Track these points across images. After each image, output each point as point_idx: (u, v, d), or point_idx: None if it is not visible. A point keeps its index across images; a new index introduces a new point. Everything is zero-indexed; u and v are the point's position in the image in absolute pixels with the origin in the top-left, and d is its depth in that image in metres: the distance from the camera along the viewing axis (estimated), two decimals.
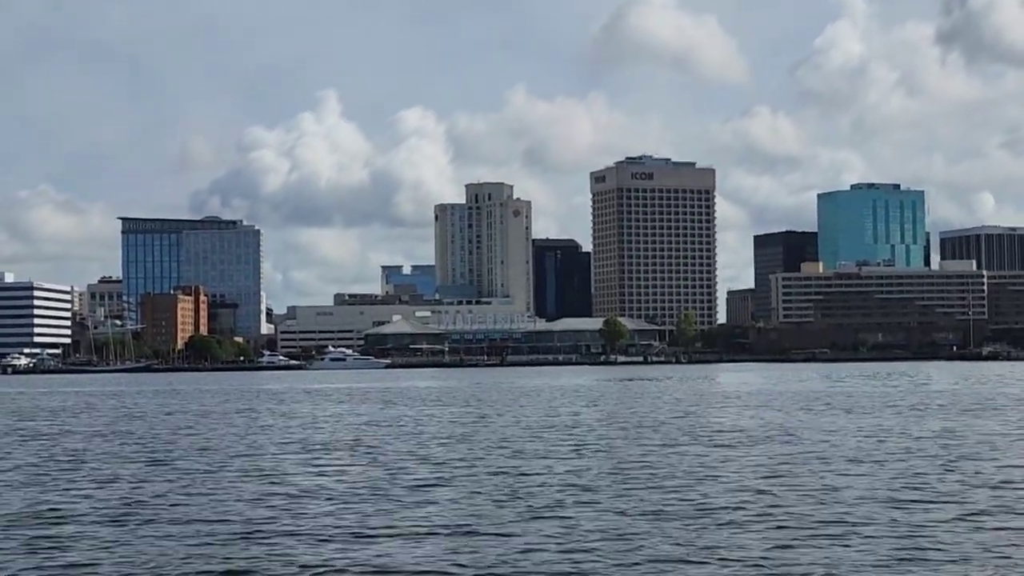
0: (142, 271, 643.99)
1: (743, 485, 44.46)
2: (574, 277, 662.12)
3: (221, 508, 40.28)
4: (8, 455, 63.40)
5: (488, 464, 54.31)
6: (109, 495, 44.43)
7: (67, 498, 43.73)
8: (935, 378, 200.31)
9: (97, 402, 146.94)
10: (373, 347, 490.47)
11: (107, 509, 40.56)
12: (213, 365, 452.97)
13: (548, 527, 35.34)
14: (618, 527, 35.15)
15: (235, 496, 43.51)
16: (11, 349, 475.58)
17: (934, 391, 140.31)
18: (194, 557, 31.24)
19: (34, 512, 39.96)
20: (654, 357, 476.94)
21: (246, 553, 31.66)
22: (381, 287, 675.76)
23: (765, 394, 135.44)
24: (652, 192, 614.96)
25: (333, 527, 35.77)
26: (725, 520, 36.03)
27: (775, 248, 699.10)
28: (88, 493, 45.17)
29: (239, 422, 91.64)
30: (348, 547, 32.51)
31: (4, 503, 42.36)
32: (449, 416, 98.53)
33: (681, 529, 34.59)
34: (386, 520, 37.02)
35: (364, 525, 36.17)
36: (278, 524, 36.58)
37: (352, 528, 35.66)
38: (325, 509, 39.80)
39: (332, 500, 42.05)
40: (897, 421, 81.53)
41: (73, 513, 39.57)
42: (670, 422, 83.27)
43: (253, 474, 51.34)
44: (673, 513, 37.61)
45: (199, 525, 36.47)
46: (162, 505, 41.33)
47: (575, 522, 36.19)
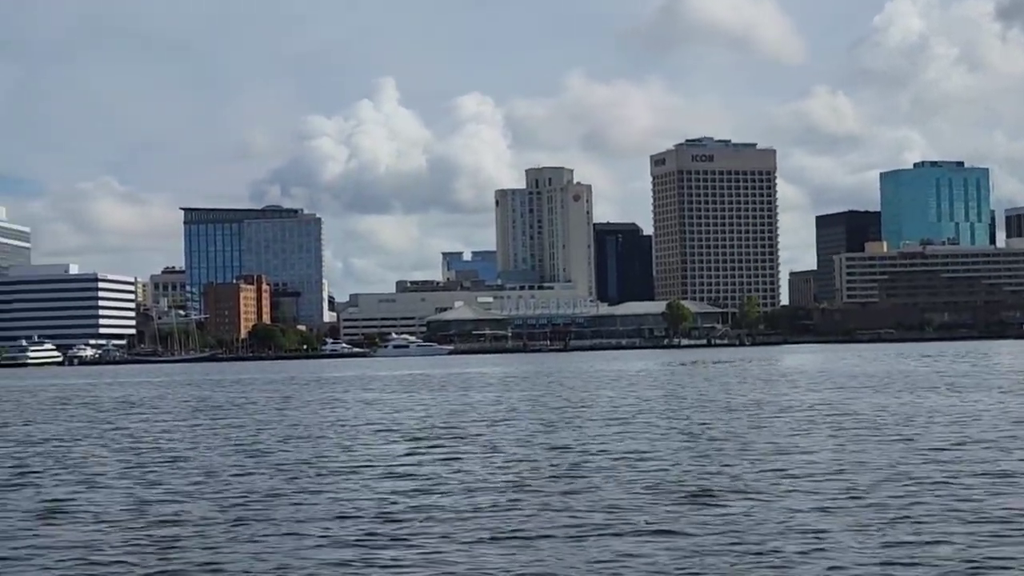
0: (204, 261, 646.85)
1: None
2: (635, 261, 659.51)
3: (362, 504, 37.52)
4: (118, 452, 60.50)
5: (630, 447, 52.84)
6: (227, 490, 42.34)
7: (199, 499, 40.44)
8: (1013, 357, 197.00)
9: (173, 392, 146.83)
10: (436, 333, 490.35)
11: (236, 506, 38.29)
12: (277, 354, 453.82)
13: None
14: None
15: (370, 491, 40.88)
16: (77, 340, 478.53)
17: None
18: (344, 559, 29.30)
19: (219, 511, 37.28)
20: (717, 340, 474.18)
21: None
22: (442, 273, 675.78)
23: (864, 376, 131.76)
24: (712, 174, 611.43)
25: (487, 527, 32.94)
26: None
27: (837, 228, 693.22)
28: (202, 489, 42.96)
29: (345, 413, 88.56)
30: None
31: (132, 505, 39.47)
32: (531, 400, 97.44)
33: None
34: (562, 518, 33.89)
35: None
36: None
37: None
38: (463, 502, 37.43)
39: (471, 493, 39.56)
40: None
41: (200, 514, 36.73)
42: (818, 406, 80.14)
43: (384, 467, 48.46)
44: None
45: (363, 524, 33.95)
46: (302, 500, 38.99)
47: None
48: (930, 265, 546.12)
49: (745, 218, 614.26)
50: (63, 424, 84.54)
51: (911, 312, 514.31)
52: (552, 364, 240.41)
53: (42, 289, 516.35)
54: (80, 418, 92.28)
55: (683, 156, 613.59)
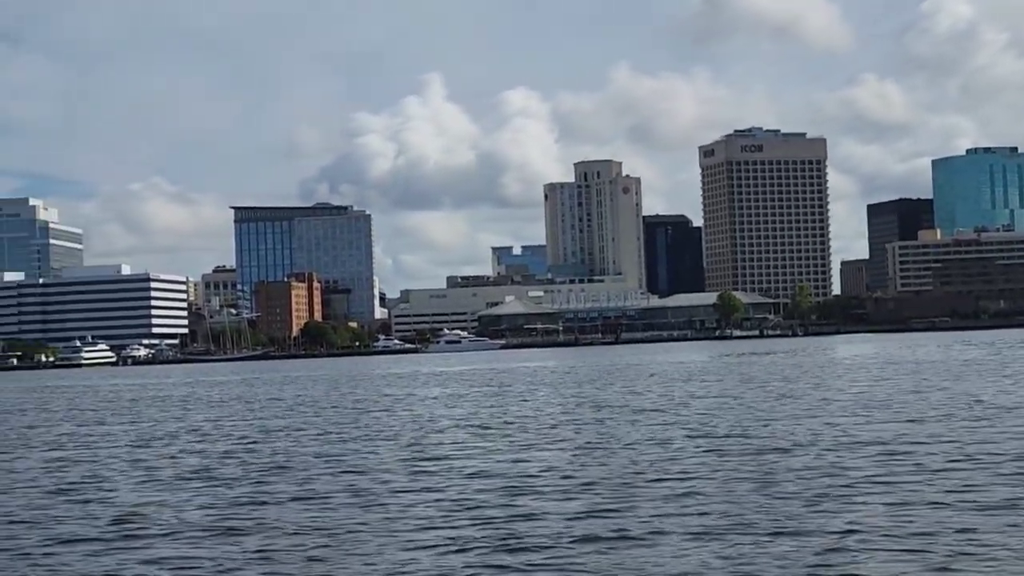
0: (255, 259, 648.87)
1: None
2: (685, 253, 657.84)
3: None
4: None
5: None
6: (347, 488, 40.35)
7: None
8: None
9: (266, 390, 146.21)
10: (487, 328, 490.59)
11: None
12: (329, 351, 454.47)
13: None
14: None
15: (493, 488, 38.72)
16: (130, 340, 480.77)
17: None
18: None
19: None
20: (770, 331, 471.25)
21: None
22: (492, 268, 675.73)
23: (946, 364, 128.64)
24: (762, 164, 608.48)
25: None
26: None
27: (889, 217, 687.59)
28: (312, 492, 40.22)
29: (438, 410, 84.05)
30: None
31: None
32: (604, 394, 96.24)
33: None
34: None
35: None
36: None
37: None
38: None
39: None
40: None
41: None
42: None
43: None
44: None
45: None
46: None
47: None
48: (984, 252, 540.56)
49: (795, 208, 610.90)
50: (252, 421, 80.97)
51: (965, 300, 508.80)
52: (609, 358, 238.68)
53: (95, 290, 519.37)
54: (262, 413, 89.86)
55: (732, 146, 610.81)
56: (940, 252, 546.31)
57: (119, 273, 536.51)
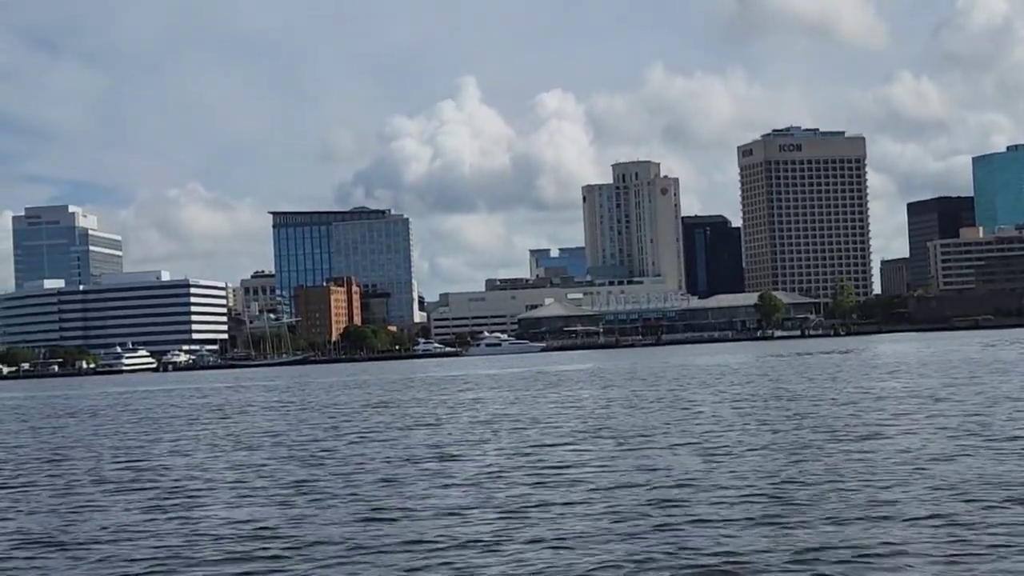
0: (294, 264, 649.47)
1: None
2: (724, 253, 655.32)
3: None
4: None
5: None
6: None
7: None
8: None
9: (350, 394, 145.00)
10: (527, 331, 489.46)
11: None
12: (369, 355, 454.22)
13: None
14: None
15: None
16: (171, 346, 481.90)
17: None
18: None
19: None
20: (811, 330, 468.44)
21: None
22: (530, 271, 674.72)
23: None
24: (801, 164, 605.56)
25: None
26: None
27: (929, 215, 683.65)
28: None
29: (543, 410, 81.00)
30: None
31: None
32: (679, 394, 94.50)
33: None
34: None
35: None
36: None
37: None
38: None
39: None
40: None
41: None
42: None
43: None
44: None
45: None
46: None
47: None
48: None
49: (835, 207, 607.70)
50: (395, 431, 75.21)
51: (1009, 298, 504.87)
52: (656, 358, 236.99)
53: (135, 296, 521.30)
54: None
55: (771, 146, 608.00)
56: (982, 250, 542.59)
57: (159, 279, 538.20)
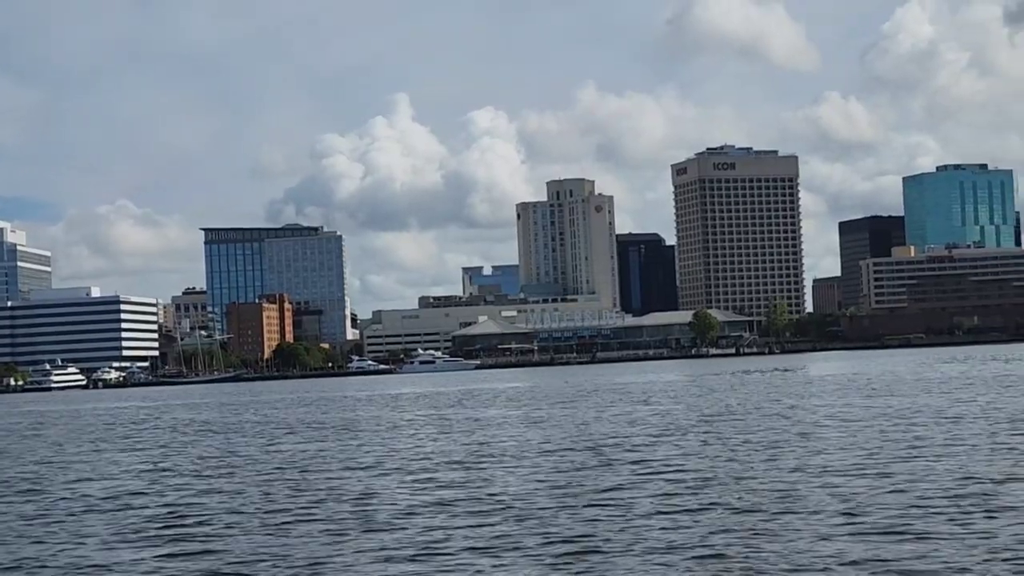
0: (226, 281, 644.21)
1: None
2: (658, 271, 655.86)
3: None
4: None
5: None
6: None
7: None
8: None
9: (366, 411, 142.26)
10: (461, 348, 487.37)
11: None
12: (302, 372, 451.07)
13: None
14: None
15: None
16: (100, 363, 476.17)
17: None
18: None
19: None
20: (746, 348, 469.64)
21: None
22: (463, 288, 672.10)
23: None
24: (735, 182, 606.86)
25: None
26: None
27: (860, 234, 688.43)
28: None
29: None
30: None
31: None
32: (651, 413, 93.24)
33: None
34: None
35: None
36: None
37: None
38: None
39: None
40: None
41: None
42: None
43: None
44: None
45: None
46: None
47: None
48: (958, 269, 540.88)
49: (768, 225, 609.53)
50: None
51: (940, 316, 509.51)
52: (592, 376, 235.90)
53: (64, 312, 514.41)
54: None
55: (705, 164, 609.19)
56: (914, 269, 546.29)
57: (89, 296, 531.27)
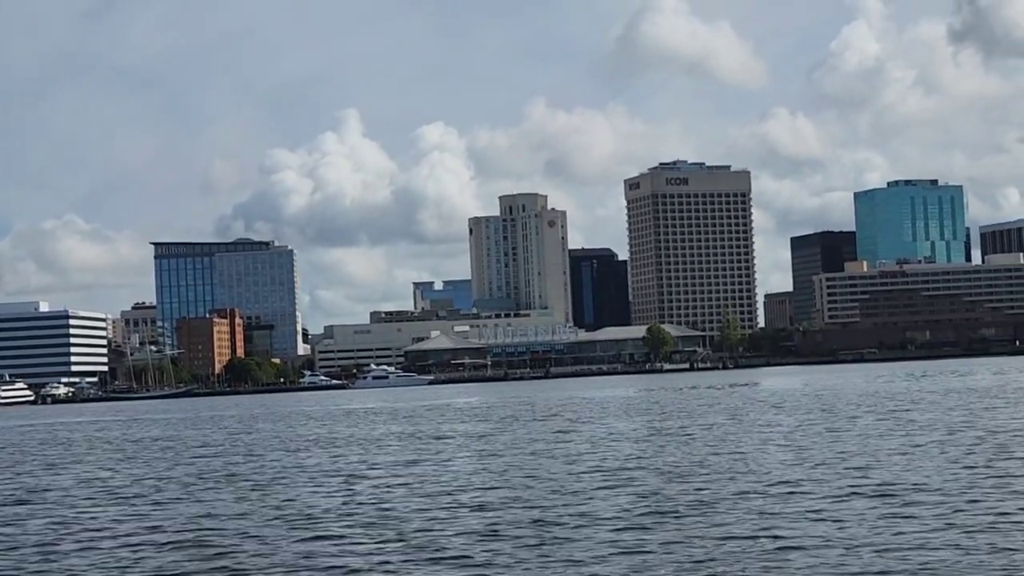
0: (176, 296, 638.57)
1: None
2: (610, 286, 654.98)
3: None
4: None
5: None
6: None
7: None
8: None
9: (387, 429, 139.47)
10: (414, 363, 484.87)
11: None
12: (254, 387, 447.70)
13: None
14: None
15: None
16: (49, 379, 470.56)
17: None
18: None
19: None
20: (700, 364, 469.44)
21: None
22: (415, 303, 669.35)
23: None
24: (688, 197, 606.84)
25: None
26: None
27: (812, 249, 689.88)
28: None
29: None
30: None
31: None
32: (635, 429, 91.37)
33: None
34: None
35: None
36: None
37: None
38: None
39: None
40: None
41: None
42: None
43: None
44: None
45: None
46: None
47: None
48: (910, 284, 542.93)
49: (721, 240, 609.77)
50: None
51: (892, 331, 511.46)
52: (545, 391, 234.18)
53: (11, 327, 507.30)
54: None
55: (657, 179, 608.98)
56: (866, 284, 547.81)
57: (37, 311, 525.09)
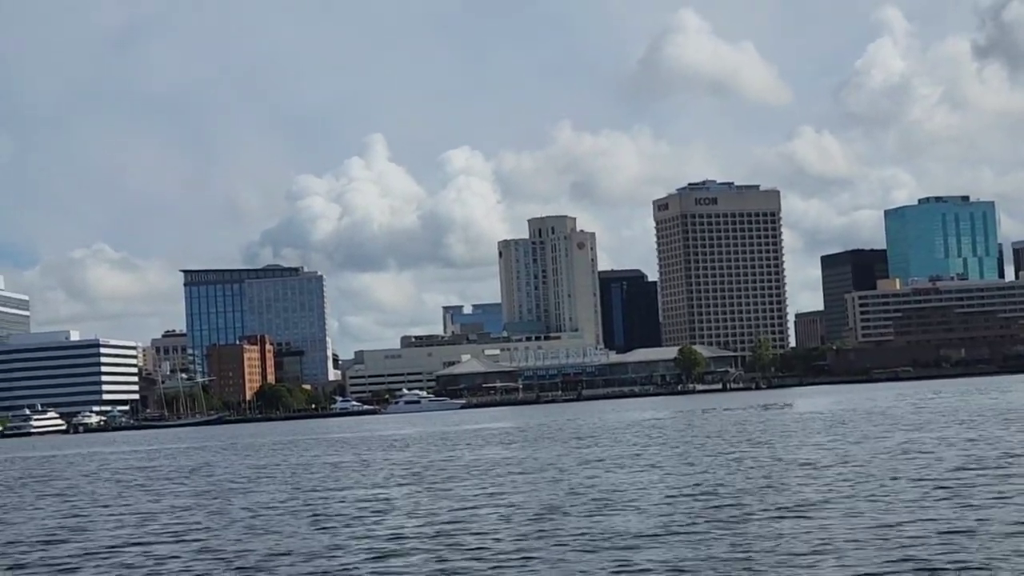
0: (206, 323, 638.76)
1: None
2: (640, 307, 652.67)
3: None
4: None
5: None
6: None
7: None
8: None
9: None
10: (445, 388, 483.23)
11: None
12: (285, 414, 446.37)
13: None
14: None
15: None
16: (81, 407, 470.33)
17: None
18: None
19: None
20: (732, 384, 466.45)
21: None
22: (444, 327, 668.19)
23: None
24: (717, 217, 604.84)
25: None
26: None
27: (842, 268, 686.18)
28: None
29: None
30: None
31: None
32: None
33: None
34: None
35: None
36: None
37: None
38: None
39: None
40: None
41: None
42: None
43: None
44: None
45: None
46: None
47: None
48: (944, 301, 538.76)
49: (751, 260, 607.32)
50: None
51: (926, 349, 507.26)
52: (575, 414, 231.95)
53: (43, 357, 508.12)
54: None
55: (686, 200, 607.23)
56: (900, 302, 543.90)
57: (68, 339, 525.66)
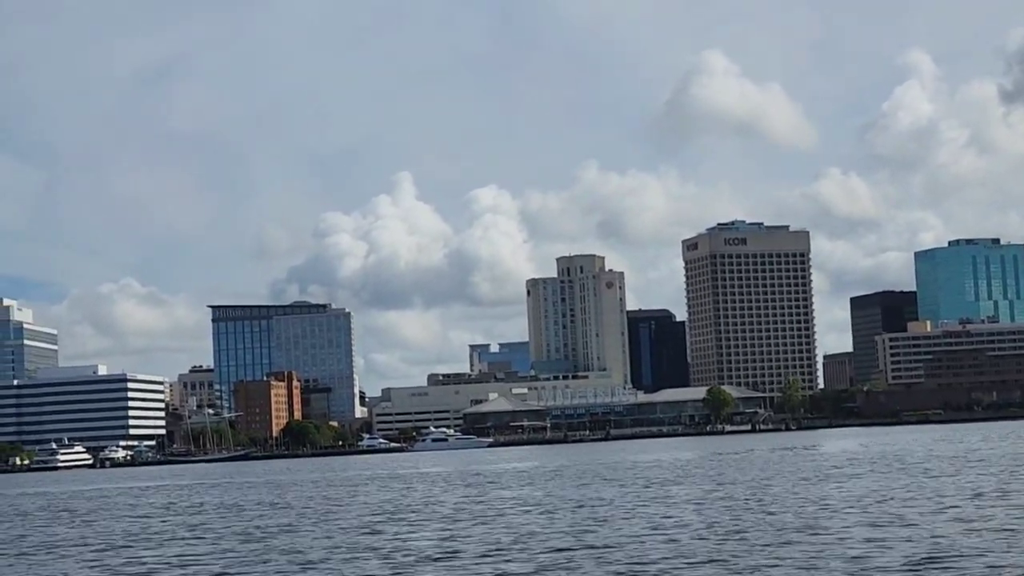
0: (233, 359, 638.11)
1: None
2: (669, 347, 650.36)
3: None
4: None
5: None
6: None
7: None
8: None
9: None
10: (473, 426, 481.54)
11: None
12: (312, 451, 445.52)
13: None
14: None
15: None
16: (107, 442, 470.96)
17: None
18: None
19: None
20: (762, 425, 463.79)
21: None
22: (471, 366, 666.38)
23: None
24: (746, 257, 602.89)
25: None
26: None
27: (872, 310, 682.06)
28: None
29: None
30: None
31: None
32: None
33: None
34: None
35: None
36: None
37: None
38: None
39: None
40: None
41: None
42: None
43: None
44: None
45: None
46: None
47: None
48: (975, 344, 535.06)
49: (780, 300, 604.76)
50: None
51: (957, 392, 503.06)
52: (614, 454, 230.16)
53: (71, 391, 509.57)
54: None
55: (716, 240, 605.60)
56: (930, 344, 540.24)
57: (96, 374, 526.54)
